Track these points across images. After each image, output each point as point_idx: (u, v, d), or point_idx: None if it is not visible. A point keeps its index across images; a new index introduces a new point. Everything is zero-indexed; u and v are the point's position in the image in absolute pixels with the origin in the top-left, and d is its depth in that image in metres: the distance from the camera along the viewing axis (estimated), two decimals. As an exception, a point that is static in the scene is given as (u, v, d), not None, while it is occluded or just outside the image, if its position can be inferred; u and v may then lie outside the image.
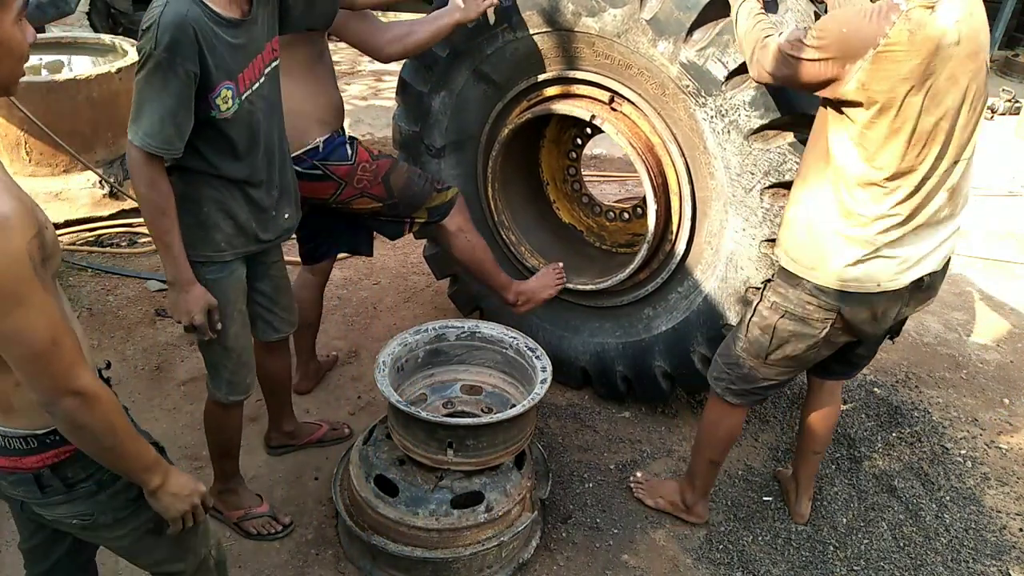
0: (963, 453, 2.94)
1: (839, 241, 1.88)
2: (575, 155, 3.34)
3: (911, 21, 1.64)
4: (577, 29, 2.46)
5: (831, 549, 2.46)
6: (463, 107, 2.87)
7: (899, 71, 1.67)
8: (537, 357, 2.34)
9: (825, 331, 2.00)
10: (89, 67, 4.77)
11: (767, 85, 2.19)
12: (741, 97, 2.24)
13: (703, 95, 2.30)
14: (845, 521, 2.57)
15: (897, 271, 1.90)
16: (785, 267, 2.01)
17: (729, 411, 2.29)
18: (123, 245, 4.09)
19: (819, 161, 1.89)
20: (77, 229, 4.13)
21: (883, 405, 3.17)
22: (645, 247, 2.64)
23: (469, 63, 2.75)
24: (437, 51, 2.73)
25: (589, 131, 3.20)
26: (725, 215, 2.45)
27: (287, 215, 2.15)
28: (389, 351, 2.33)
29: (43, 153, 4.34)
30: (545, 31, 2.55)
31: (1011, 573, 2.41)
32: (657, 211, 2.57)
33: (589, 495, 2.63)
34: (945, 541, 2.52)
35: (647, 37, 2.33)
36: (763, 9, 2.03)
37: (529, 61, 2.65)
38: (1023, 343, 3.74)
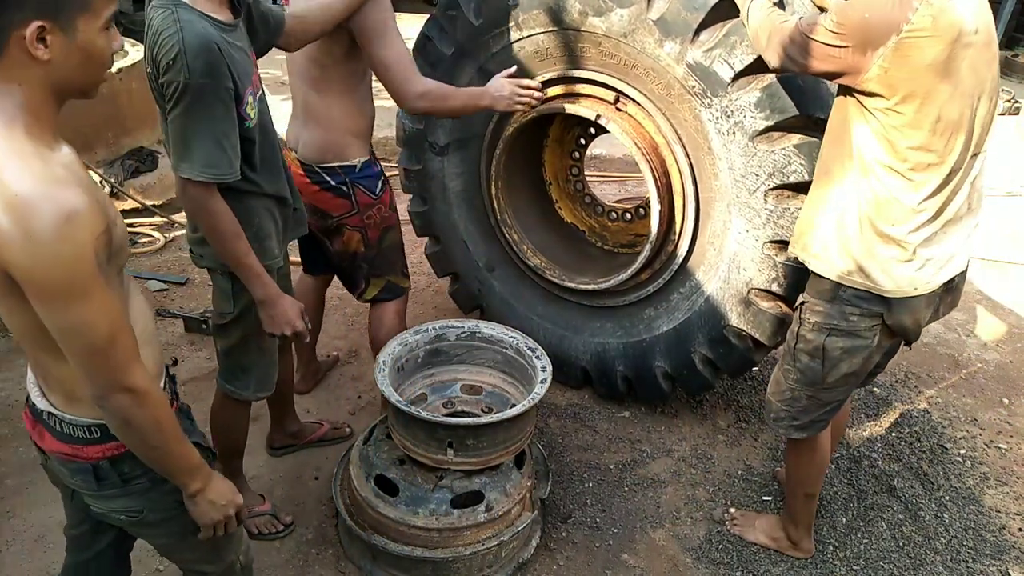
0: (962, 453, 2.94)
1: (873, 242, 1.83)
2: (578, 155, 3.34)
3: (933, 7, 1.62)
4: (583, 29, 2.46)
5: (831, 549, 2.47)
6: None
7: (923, 58, 1.64)
8: (537, 357, 2.35)
9: (876, 338, 1.93)
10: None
11: (780, 80, 2.19)
12: (747, 98, 2.24)
13: (709, 96, 2.31)
14: (845, 521, 2.58)
15: (932, 272, 1.86)
16: (817, 272, 1.94)
17: (807, 445, 2.20)
18: (123, 245, 4.10)
19: (843, 160, 1.84)
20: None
21: (883, 405, 3.17)
22: (648, 247, 2.64)
23: (474, 61, 2.75)
24: (443, 49, 2.74)
25: (593, 131, 3.21)
26: (728, 216, 2.45)
27: (296, 210, 2.19)
28: (389, 351, 2.33)
29: (43, 153, 4.34)
30: (551, 30, 2.55)
31: (1010, 573, 2.41)
32: (661, 211, 2.57)
33: (589, 495, 2.63)
34: (944, 541, 2.52)
35: (654, 37, 2.33)
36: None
37: (534, 60, 2.65)
38: (1023, 343, 3.74)
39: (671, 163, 2.56)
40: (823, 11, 1.88)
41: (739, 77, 2.24)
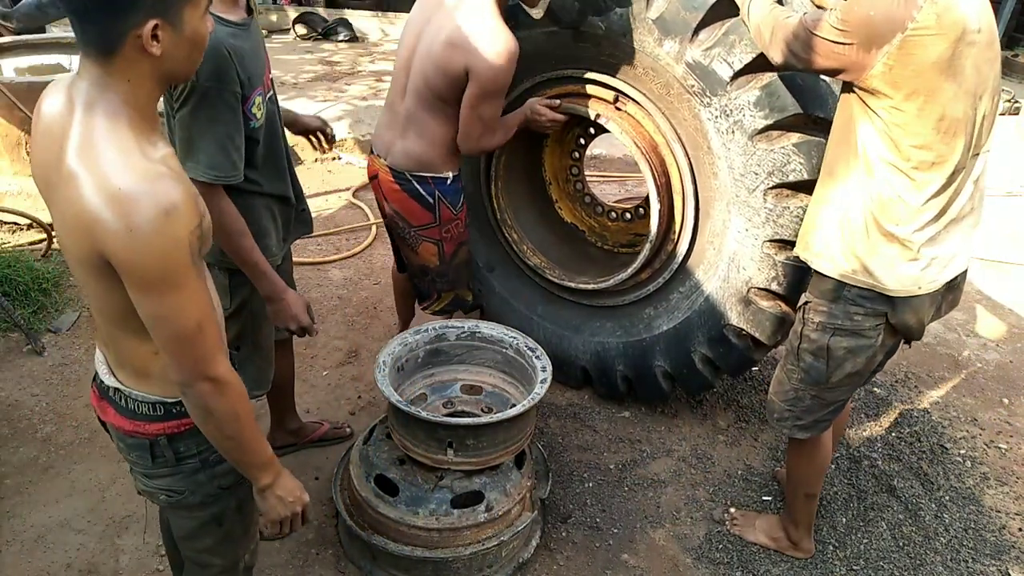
0: (962, 453, 2.94)
1: (877, 241, 1.83)
2: (578, 155, 3.34)
3: (937, 5, 1.63)
4: (583, 28, 2.46)
5: (831, 548, 2.47)
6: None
7: (927, 56, 1.65)
8: (537, 357, 2.35)
9: (880, 337, 1.93)
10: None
11: (782, 77, 2.19)
12: (746, 97, 2.24)
13: (708, 95, 2.31)
14: (844, 521, 2.58)
15: (936, 271, 1.86)
16: (820, 271, 1.93)
17: (809, 445, 2.20)
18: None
19: (847, 159, 1.84)
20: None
21: (883, 405, 3.17)
22: (648, 246, 2.64)
23: None
24: None
25: (592, 131, 3.21)
26: (728, 215, 2.45)
27: (303, 210, 2.21)
28: (389, 351, 2.33)
29: (43, 153, 4.34)
30: (551, 29, 2.55)
31: (1010, 573, 2.41)
32: (660, 211, 2.57)
33: (589, 495, 2.63)
34: (944, 541, 2.52)
35: (653, 36, 2.33)
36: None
37: (534, 59, 2.65)
38: (1022, 343, 3.74)
39: (670, 162, 2.56)
40: (822, 9, 1.88)
41: (738, 76, 2.23)
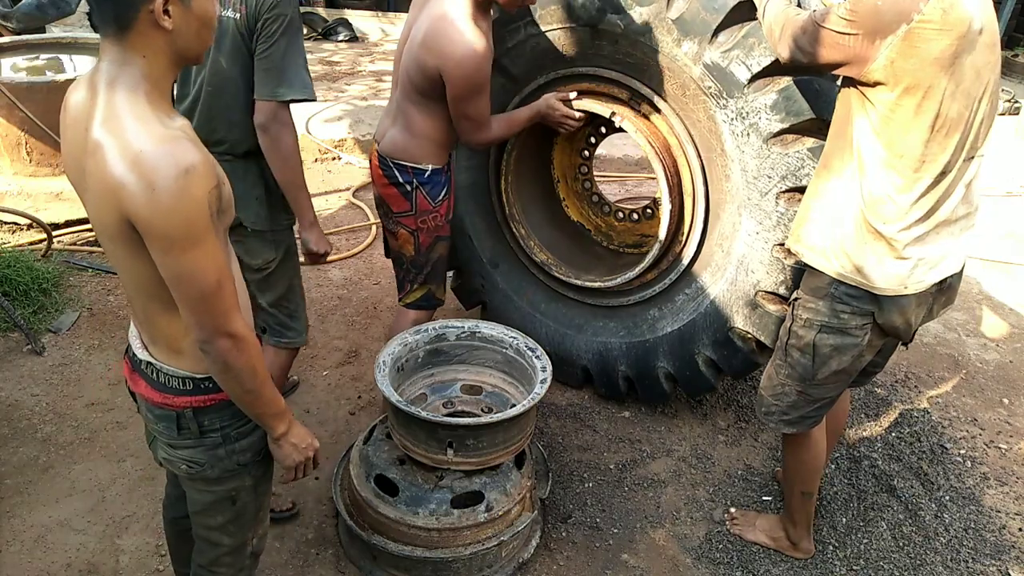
0: (962, 453, 2.94)
1: (866, 239, 1.84)
2: (587, 154, 3.34)
3: (944, 0, 1.65)
4: (601, 26, 2.46)
5: (831, 548, 2.47)
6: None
7: (930, 51, 1.66)
8: (537, 357, 2.35)
9: (867, 337, 1.94)
10: (89, 67, 4.77)
11: (796, 83, 2.20)
12: (763, 100, 2.24)
13: (725, 97, 2.30)
14: (845, 521, 2.58)
15: (923, 272, 1.86)
16: (811, 264, 1.95)
17: (802, 442, 2.21)
18: (123, 245, 4.09)
19: (843, 154, 1.86)
20: (77, 229, 4.13)
21: (883, 405, 3.17)
22: (656, 247, 2.63)
23: None
24: None
25: (604, 130, 3.20)
26: (738, 218, 2.44)
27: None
28: (389, 351, 2.33)
29: (43, 153, 4.35)
30: (568, 26, 2.55)
31: (1010, 572, 2.41)
32: (671, 211, 2.57)
33: (589, 495, 2.63)
34: (944, 541, 2.52)
35: (672, 36, 2.33)
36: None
37: (549, 56, 2.65)
38: (1023, 343, 3.74)
39: (683, 163, 2.55)
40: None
41: (756, 79, 2.23)
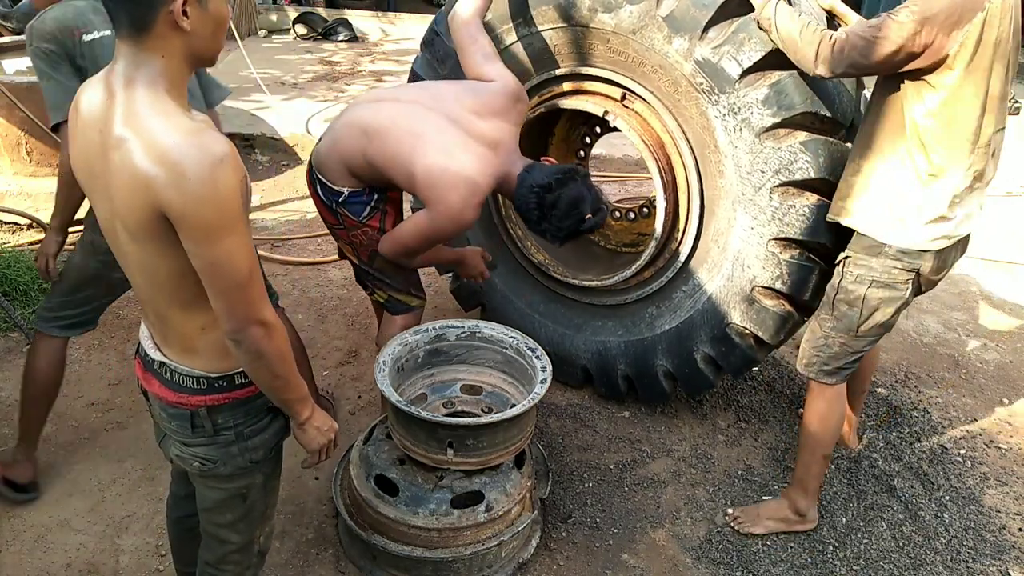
0: (962, 453, 2.94)
1: (921, 204, 2.04)
2: (583, 154, 3.34)
3: None
4: (592, 25, 2.46)
5: (831, 549, 2.47)
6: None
7: (991, 36, 1.85)
8: (537, 357, 2.35)
9: (909, 291, 2.15)
10: (89, 67, 4.76)
11: (787, 77, 2.24)
12: (754, 95, 2.24)
13: (716, 93, 2.31)
14: (845, 521, 2.57)
15: (964, 227, 2.12)
16: (865, 233, 2.12)
17: (832, 395, 2.35)
18: (123, 245, 4.09)
19: (893, 135, 2.03)
20: (77, 229, 4.11)
21: (883, 405, 3.17)
22: (653, 244, 2.63)
23: None
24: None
25: (598, 130, 3.20)
26: (733, 213, 2.45)
27: None
28: (389, 351, 2.33)
29: (43, 153, 4.35)
30: (560, 27, 2.55)
31: (1010, 572, 2.41)
32: (666, 208, 2.57)
33: (589, 495, 2.63)
34: (944, 541, 2.52)
35: (662, 34, 2.33)
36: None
37: (542, 56, 2.65)
38: (1023, 343, 3.74)
39: (676, 160, 2.56)
40: (831, 20, 2.09)
41: (747, 74, 2.24)
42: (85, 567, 2.26)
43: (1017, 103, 7.06)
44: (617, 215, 3.32)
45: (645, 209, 3.22)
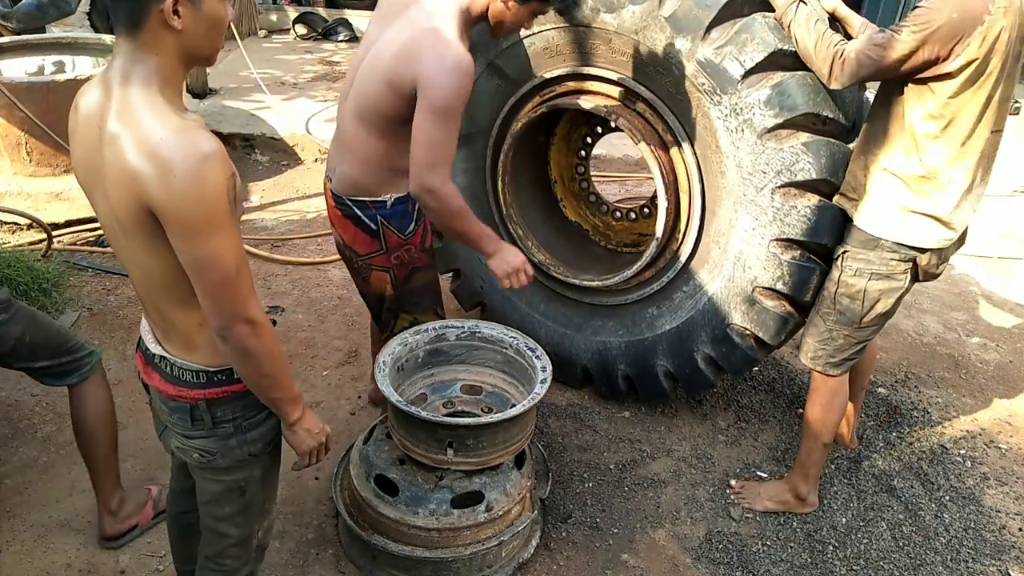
0: (962, 453, 2.94)
1: (916, 205, 2.10)
2: (584, 154, 3.34)
3: None
4: (595, 25, 2.46)
5: (831, 549, 2.47)
6: (475, 100, 2.83)
7: (993, 46, 1.90)
8: (537, 357, 2.34)
9: (907, 280, 2.21)
10: (89, 67, 4.77)
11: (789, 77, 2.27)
12: (756, 96, 2.24)
13: (718, 93, 2.31)
14: (845, 521, 2.58)
15: (952, 226, 2.14)
16: (866, 230, 2.18)
17: (836, 386, 2.41)
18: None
19: (894, 135, 2.08)
20: (77, 229, 4.13)
21: (883, 405, 3.17)
22: (654, 244, 2.63)
23: (484, 56, 2.75)
24: None
25: (599, 130, 3.20)
26: (735, 214, 2.45)
27: None
28: (389, 351, 2.33)
29: (43, 153, 4.35)
30: (562, 26, 2.55)
31: (1010, 572, 2.41)
32: (667, 209, 2.57)
33: (589, 495, 2.63)
34: (944, 541, 2.52)
35: (665, 34, 2.34)
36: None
37: (544, 56, 2.65)
38: (1023, 343, 3.74)
39: (678, 161, 2.56)
40: (833, 21, 2.16)
41: (749, 74, 2.24)
42: (85, 567, 2.26)
43: (1017, 103, 7.07)
44: (618, 215, 3.32)
45: (646, 209, 3.22)
